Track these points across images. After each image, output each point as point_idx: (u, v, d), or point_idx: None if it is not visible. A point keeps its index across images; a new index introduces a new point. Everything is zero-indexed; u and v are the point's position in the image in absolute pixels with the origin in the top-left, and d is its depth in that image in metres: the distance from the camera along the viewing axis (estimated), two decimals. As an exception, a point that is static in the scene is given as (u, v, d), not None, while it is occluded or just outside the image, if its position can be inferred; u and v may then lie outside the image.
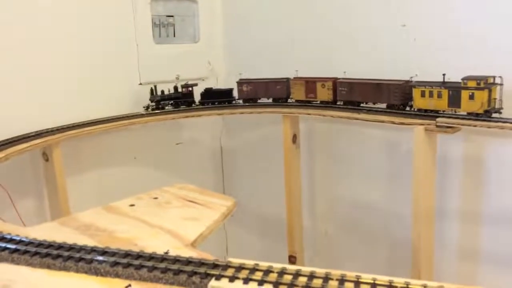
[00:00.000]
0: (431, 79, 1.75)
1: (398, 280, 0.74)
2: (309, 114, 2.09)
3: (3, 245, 0.89)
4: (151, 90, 2.21)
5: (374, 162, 2.20)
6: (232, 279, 0.76)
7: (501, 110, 1.59)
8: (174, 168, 2.58)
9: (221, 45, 2.75)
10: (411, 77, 1.85)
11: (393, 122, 1.80)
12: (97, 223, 1.03)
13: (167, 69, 2.48)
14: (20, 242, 0.91)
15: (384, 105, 1.93)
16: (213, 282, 0.75)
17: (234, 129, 2.84)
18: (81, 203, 1.61)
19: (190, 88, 2.25)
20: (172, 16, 2.54)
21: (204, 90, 2.29)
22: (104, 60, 2.23)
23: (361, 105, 1.99)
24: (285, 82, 2.24)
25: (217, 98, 2.29)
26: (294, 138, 2.25)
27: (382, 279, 0.74)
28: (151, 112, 2.21)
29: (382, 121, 1.84)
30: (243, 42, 2.67)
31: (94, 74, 2.20)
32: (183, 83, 2.33)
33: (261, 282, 0.75)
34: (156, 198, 1.18)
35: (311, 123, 2.38)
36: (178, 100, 2.24)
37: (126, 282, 0.78)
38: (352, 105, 2.00)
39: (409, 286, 0.73)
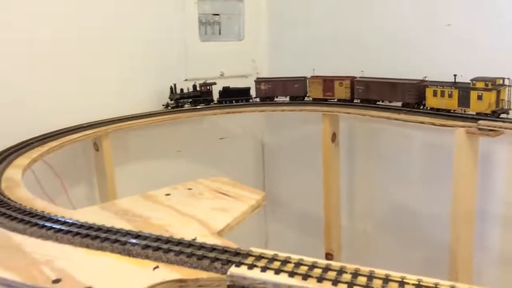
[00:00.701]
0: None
1: (411, 278, 0.75)
2: (348, 113, 2.10)
3: (49, 225, 0.99)
4: (171, 88, 2.26)
5: (414, 162, 2.18)
6: (251, 266, 0.80)
7: (510, 111, 1.63)
8: (216, 162, 2.65)
9: (266, 43, 2.80)
10: (425, 77, 1.89)
11: (433, 124, 1.78)
12: (134, 210, 1.10)
13: (212, 66, 2.57)
14: (64, 223, 1.00)
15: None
16: (233, 269, 0.80)
17: (276, 126, 2.88)
18: (127, 192, 1.71)
19: (209, 87, 2.29)
20: (218, 14, 2.62)
21: (222, 88, 2.33)
22: (151, 57, 2.34)
23: (377, 103, 2.07)
24: (303, 81, 2.29)
25: (234, 97, 2.33)
26: (334, 137, 2.26)
27: (395, 275, 0.76)
28: (179, 109, 2.27)
29: (422, 122, 1.82)
30: (288, 41, 2.70)
31: (142, 71, 2.31)
32: (227, 80, 2.40)
33: (277, 271, 0.79)
34: (190, 189, 1.25)
35: (351, 122, 2.38)
36: (197, 99, 2.29)
37: (155, 264, 0.84)
38: (369, 103, 2.07)
39: (421, 283, 0.74)
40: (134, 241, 0.91)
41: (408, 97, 1.92)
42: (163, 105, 2.29)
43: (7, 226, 1.01)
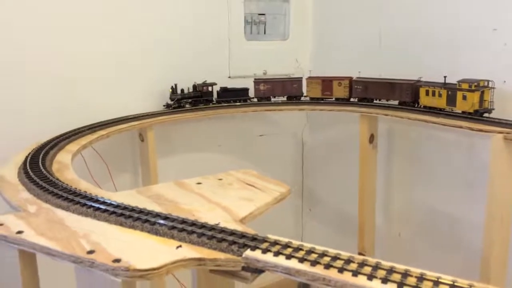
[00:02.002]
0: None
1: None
2: (386, 115, 2.11)
3: (90, 203, 1.09)
4: (172, 89, 2.26)
5: (452, 167, 2.15)
6: (265, 251, 0.86)
7: (492, 111, 1.82)
8: (255, 159, 2.72)
9: (310, 43, 2.84)
10: (420, 78, 2.04)
11: (471, 129, 1.76)
12: (166, 195, 1.19)
13: (255, 64, 2.64)
14: (103, 203, 1.10)
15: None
16: (248, 252, 0.87)
17: (317, 125, 2.91)
18: (168, 181, 1.81)
19: (209, 87, 2.31)
20: (264, 14, 2.69)
21: (220, 88, 2.37)
22: (196, 55, 2.44)
23: (374, 101, 2.24)
24: (300, 81, 2.38)
25: (233, 97, 2.36)
26: (371, 138, 2.27)
27: (399, 267, 0.80)
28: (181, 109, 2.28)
29: (460, 127, 1.81)
30: (332, 41, 2.73)
31: (187, 68, 2.41)
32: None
33: (288, 257, 0.84)
34: (220, 179, 1.32)
35: (390, 124, 2.38)
36: (198, 99, 2.31)
37: (178, 243, 0.92)
38: (366, 101, 2.22)
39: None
40: (162, 222, 0.99)
41: (405, 96, 2.08)
42: (164, 106, 2.29)
43: (53, 203, 1.12)
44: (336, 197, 2.84)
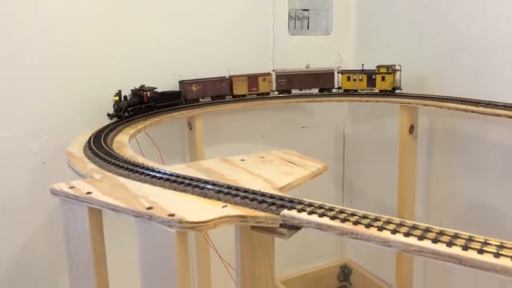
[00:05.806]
0: None
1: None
2: (426, 105, 2.16)
3: (147, 172, 1.23)
4: (117, 96, 1.96)
5: (494, 159, 2.16)
6: (300, 210, 0.97)
7: (401, 88, 2.36)
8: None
9: (353, 38, 2.91)
10: (339, 67, 2.54)
11: (510, 117, 1.79)
12: (213, 168, 1.32)
13: (298, 58, 2.74)
14: (158, 172, 1.24)
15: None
16: (285, 211, 0.97)
17: (359, 117, 2.97)
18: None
19: (149, 92, 2.09)
20: (307, 10, 2.78)
21: (157, 93, 2.18)
22: (244, 49, 2.57)
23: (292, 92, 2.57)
24: (228, 80, 2.44)
25: (169, 101, 2.24)
26: (411, 129, 2.31)
27: (421, 225, 0.88)
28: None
29: (499, 115, 1.84)
30: (374, 36, 2.79)
31: (235, 61, 2.55)
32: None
33: (321, 215, 0.95)
34: (262, 157, 1.44)
35: (431, 115, 2.42)
36: (142, 105, 2.08)
37: (224, 204, 1.04)
38: (289, 93, 2.54)
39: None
40: (210, 187, 1.11)
41: (328, 84, 2.51)
42: (108, 116, 1.95)
43: (115, 172, 1.28)
44: (377, 189, 2.89)
